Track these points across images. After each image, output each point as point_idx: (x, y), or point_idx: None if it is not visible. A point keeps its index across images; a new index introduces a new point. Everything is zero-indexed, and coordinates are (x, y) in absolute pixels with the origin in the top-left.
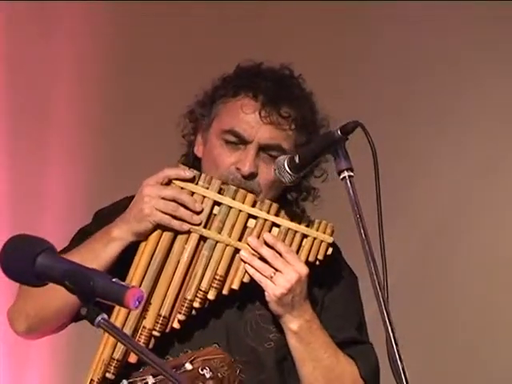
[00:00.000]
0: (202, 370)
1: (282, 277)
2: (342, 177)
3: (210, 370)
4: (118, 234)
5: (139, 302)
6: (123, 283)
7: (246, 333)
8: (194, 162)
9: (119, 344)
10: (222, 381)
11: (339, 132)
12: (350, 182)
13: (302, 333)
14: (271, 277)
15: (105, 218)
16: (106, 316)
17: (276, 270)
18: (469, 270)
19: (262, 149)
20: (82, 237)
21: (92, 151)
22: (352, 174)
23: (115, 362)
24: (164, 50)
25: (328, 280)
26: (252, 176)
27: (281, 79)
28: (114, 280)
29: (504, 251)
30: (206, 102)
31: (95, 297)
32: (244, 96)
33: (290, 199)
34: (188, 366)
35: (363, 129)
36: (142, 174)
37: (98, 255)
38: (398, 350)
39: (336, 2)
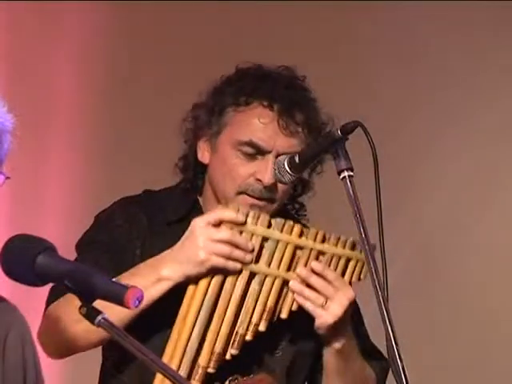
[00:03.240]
0: None
1: (334, 304)
2: (341, 177)
3: None
4: (169, 274)
5: (139, 302)
6: (123, 283)
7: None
8: (195, 166)
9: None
10: None
11: (339, 132)
12: (350, 181)
13: (345, 351)
14: (322, 305)
15: (109, 223)
16: (106, 315)
17: (326, 297)
18: (469, 270)
19: (279, 157)
20: (91, 246)
21: (92, 151)
22: (352, 173)
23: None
24: (165, 51)
25: None
26: (272, 185)
27: (290, 83)
28: (113, 280)
29: (504, 250)
30: (213, 108)
31: (95, 297)
32: (258, 104)
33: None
34: None
35: (363, 129)
36: (141, 175)
37: (146, 294)
38: (397, 350)
39: (337, 2)
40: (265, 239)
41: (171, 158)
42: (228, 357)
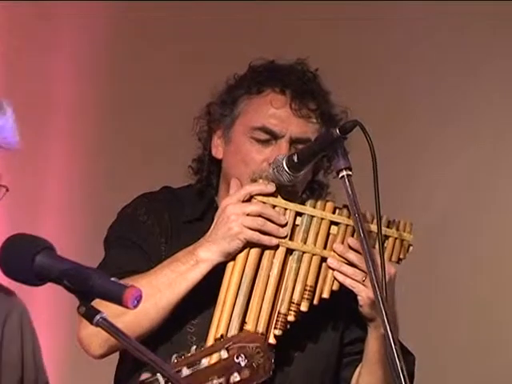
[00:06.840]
0: (237, 358)
1: None
2: (340, 176)
3: (246, 358)
4: (207, 256)
5: (138, 302)
6: (122, 282)
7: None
8: (209, 165)
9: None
10: (258, 369)
11: (338, 131)
12: (349, 181)
13: None
14: (363, 280)
15: (134, 219)
16: (104, 315)
17: (365, 273)
18: (469, 269)
19: (292, 143)
20: (120, 242)
21: (92, 151)
22: (350, 173)
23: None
24: (165, 54)
25: None
26: None
27: (302, 73)
28: (112, 279)
29: (504, 250)
30: (225, 101)
31: (94, 296)
32: (271, 91)
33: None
34: (223, 354)
35: (362, 128)
36: (141, 175)
37: (186, 278)
38: (397, 350)
39: (336, 2)
40: (298, 214)
41: (172, 156)
42: (271, 340)
